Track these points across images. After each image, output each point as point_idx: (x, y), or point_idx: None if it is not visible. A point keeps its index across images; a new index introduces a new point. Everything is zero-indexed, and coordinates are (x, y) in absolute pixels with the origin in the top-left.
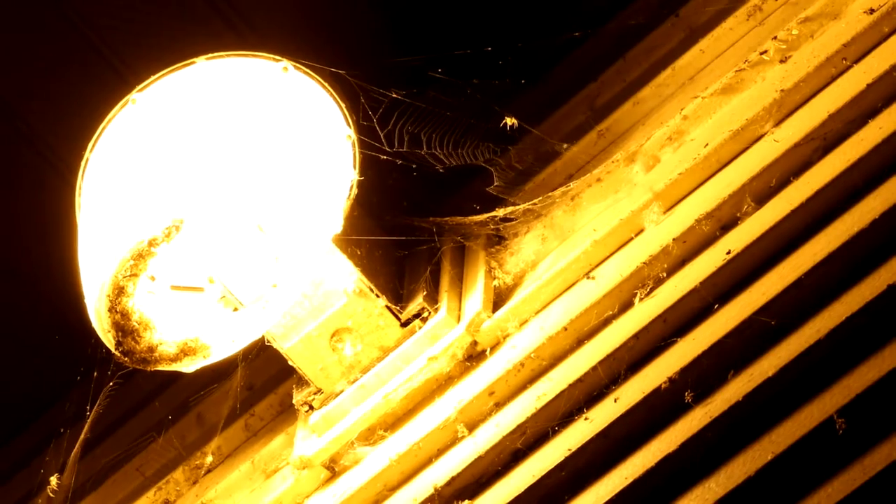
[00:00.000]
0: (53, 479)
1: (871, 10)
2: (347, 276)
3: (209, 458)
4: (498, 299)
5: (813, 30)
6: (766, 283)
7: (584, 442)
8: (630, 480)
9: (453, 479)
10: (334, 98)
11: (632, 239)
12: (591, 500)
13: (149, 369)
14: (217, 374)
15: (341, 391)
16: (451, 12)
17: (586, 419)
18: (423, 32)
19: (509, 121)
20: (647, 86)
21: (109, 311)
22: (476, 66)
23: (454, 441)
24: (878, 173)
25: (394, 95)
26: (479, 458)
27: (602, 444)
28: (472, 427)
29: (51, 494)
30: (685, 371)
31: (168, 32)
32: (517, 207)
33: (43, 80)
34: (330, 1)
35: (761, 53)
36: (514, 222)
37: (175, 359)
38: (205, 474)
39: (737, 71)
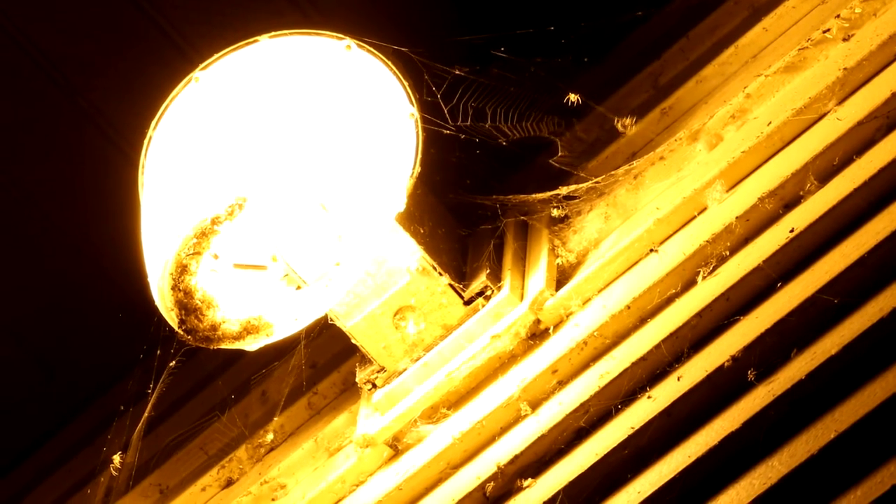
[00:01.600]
0: (116, 458)
1: None
2: (410, 254)
3: (272, 437)
4: (561, 277)
5: (876, 8)
6: (829, 261)
7: (647, 420)
8: (693, 459)
9: (516, 457)
10: (397, 76)
11: (695, 217)
12: (655, 478)
13: (212, 347)
14: (280, 353)
15: (404, 369)
16: None
17: (649, 397)
18: (487, 11)
19: (572, 97)
20: (711, 64)
21: (173, 289)
22: (539, 45)
23: (517, 419)
24: None
25: (457, 72)
26: (543, 436)
27: (665, 422)
28: (535, 405)
29: (114, 472)
30: (748, 349)
31: (231, 10)
32: (580, 186)
33: (106, 58)
34: None
35: (824, 32)
36: (577, 200)
37: (238, 337)
38: (268, 453)
39: (800, 49)
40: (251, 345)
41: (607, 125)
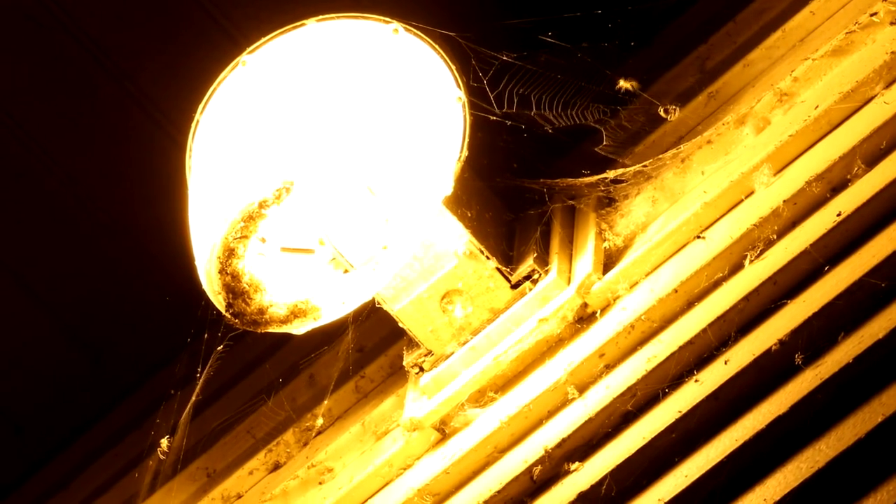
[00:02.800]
0: (164, 441)
1: None
2: (458, 237)
3: (319, 420)
4: (608, 261)
5: None
6: (876, 244)
7: (694, 404)
8: (740, 443)
9: (564, 440)
10: (445, 60)
11: (742, 201)
12: (702, 461)
13: (259, 331)
14: (327, 336)
15: (451, 353)
16: None
17: (696, 381)
18: None
19: (626, 84)
20: (758, 48)
21: (220, 272)
22: (586, 30)
23: (564, 403)
24: None
25: (504, 58)
26: (590, 419)
27: (712, 406)
28: (582, 389)
29: (161, 456)
30: (795, 333)
31: None
32: (627, 169)
33: (153, 42)
34: None
35: (871, 15)
36: (624, 184)
37: (285, 320)
38: (315, 436)
39: (847, 33)
40: (298, 328)
41: (653, 111)
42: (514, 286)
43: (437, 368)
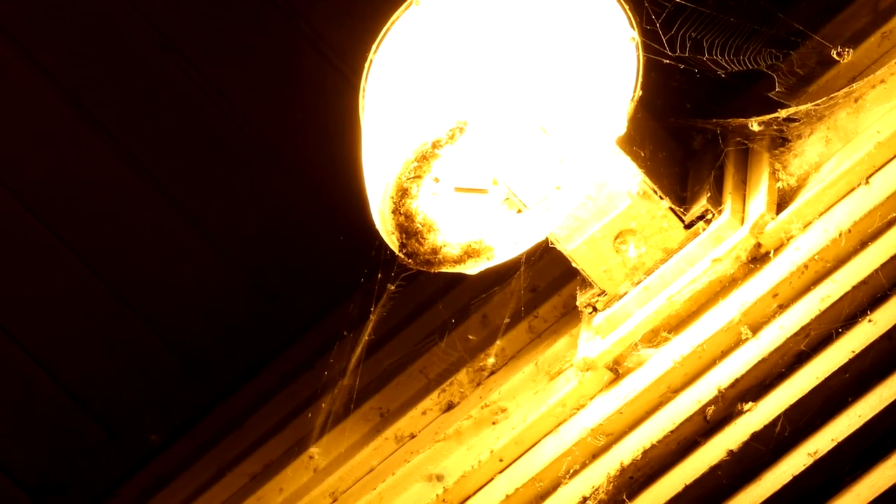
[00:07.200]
0: (339, 381)
1: None
2: (631, 177)
3: (492, 360)
4: (781, 201)
5: None
6: None
7: (867, 344)
8: None
9: (737, 380)
10: (618, 0)
11: None
12: (875, 402)
13: (432, 271)
14: (500, 276)
15: (625, 293)
16: None
17: (870, 321)
18: None
19: (838, 55)
20: None
21: (393, 212)
22: None
23: (738, 343)
24: None
25: (677, 0)
26: (763, 360)
27: (886, 345)
28: (755, 329)
29: (335, 395)
30: None
31: None
32: (800, 108)
33: None
34: None
35: None
36: (797, 124)
37: (459, 260)
38: (488, 376)
39: None
40: (472, 268)
41: (825, 53)
42: (688, 226)
43: (610, 308)
